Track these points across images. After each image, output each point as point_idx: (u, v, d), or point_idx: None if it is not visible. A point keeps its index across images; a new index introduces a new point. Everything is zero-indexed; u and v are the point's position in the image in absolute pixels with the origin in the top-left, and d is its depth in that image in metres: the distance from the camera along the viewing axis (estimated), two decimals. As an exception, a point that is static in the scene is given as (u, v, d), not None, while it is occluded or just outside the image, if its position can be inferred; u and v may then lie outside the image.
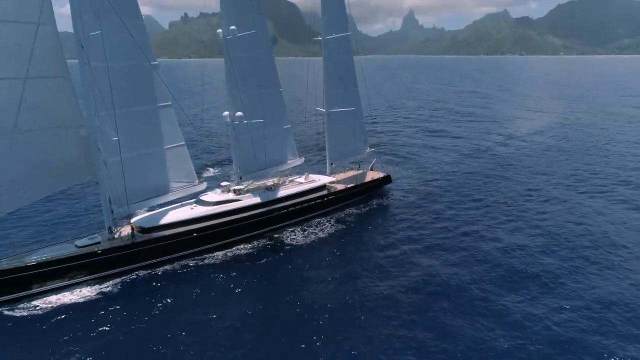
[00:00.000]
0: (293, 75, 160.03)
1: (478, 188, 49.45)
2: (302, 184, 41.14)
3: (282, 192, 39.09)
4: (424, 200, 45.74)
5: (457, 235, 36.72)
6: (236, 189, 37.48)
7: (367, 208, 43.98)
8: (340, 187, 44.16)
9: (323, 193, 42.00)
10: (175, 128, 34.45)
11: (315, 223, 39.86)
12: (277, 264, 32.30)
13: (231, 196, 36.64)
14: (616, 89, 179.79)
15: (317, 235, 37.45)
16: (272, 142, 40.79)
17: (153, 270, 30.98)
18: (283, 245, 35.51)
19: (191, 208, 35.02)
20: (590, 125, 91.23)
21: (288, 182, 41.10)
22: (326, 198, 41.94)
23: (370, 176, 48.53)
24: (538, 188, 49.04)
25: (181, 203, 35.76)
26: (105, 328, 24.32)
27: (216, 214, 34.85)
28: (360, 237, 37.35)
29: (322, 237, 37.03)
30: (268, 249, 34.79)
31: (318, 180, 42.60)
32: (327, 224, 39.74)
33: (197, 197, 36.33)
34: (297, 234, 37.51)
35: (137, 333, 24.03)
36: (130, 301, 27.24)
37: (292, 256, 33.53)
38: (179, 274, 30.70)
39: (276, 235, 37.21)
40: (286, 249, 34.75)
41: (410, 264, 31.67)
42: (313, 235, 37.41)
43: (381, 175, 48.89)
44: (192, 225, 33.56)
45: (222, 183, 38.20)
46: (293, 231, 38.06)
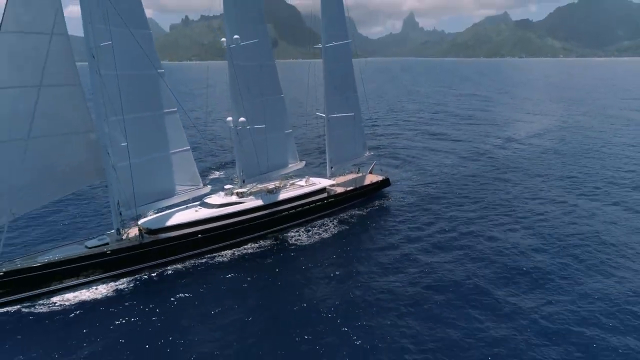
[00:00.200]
0: (294, 78, 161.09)
1: (476, 190, 50.73)
2: (303, 187, 42.38)
3: (283, 195, 40.33)
4: (423, 201, 47.11)
5: (454, 235, 38.08)
6: (239, 192, 38.63)
7: (369, 209, 45.34)
8: (339, 190, 45.33)
9: (323, 196, 43.25)
10: (180, 133, 35.59)
11: (318, 224, 41.31)
12: (282, 263, 33.74)
13: (234, 199, 37.88)
14: (615, 92, 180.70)
15: (321, 235, 38.89)
16: (274, 147, 41.93)
17: (163, 269, 32.40)
18: (288, 245, 36.96)
19: (196, 210, 36.22)
20: (588, 128, 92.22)
21: (289, 185, 42.32)
22: (326, 201, 43.24)
23: (369, 179, 49.75)
24: (534, 190, 50.31)
25: (186, 205, 36.95)
26: (122, 321, 25.82)
27: (220, 216, 36.11)
28: (361, 237, 38.71)
29: (325, 238, 38.48)
30: (273, 249, 36.22)
31: (318, 183, 43.83)
32: (330, 225, 41.18)
33: (202, 200, 37.59)
34: (302, 234, 38.95)
35: (152, 325, 25.52)
36: (143, 297, 28.70)
37: (297, 255, 34.98)
38: (188, 273, 32.12)
39: (281, 235, 38.68)
40: (291, 249, 36.21)
41: (408, 262, 33.12)
42: (317, 235, 38.86)
43: (380, 178, 50.13)
44: (197, 226, 34.84)
45: (226, 186, 39.48)
46: (297, 231, 39.53)
